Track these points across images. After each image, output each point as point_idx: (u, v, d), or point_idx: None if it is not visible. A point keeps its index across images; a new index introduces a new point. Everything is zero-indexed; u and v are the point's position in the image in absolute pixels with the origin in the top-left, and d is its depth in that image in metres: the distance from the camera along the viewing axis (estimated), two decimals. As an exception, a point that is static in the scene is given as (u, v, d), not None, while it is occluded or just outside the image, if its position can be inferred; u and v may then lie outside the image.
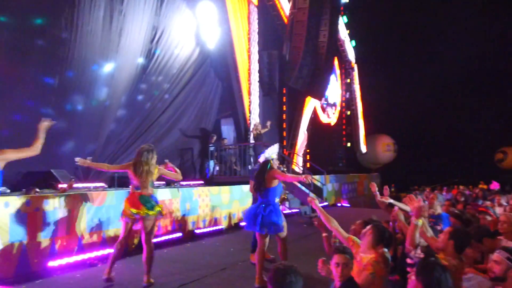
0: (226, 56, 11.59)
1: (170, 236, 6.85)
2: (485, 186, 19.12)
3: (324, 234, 3.87)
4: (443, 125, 31.60)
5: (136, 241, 6.15)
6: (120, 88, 8.31)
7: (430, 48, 32.10)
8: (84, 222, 5.51)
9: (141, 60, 8.81)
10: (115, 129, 8.45)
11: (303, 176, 4.30)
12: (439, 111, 31.64)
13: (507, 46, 29.85)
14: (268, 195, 4.53)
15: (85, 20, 7.24)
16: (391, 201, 4.33)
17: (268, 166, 4.60)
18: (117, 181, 7.55)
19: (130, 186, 4.77)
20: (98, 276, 4.67)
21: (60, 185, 6.02)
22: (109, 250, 5.21)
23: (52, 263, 4.94)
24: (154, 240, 6.47)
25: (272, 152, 4.76)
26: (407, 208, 3.82)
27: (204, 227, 7.87)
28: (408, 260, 2.76)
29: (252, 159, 10.76)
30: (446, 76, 30.95)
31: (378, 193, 4.46)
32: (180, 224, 7.30)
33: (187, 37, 10.15)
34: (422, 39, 31.79)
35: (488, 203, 7.85)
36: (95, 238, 5.66)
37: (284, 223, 4.62)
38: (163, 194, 6.95)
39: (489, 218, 5.02)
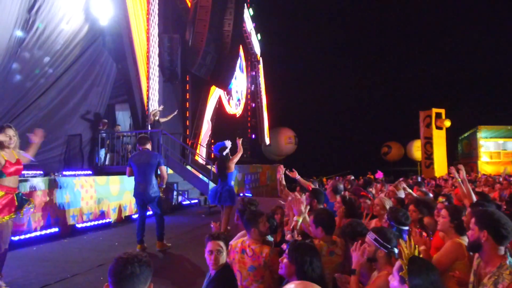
0: (122, 36, 10.67)
1: (43, 232, 6.01)
2: (372, 176, 21.16)
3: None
4: (339, 121, 34.40)
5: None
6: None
7: (330, 48, 34.32)
8: None
9: (17, 33, 7.59)
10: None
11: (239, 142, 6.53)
12: (335, 108, 34.25)
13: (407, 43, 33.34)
14: (227, 178, 6.27)
15: None
16: (298, 177, 5.52)
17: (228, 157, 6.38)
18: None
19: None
20: None
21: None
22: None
23: None
24: (22, 237, 5.67)
25: (228, 146, 6.44)
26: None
27: (88, 221, 7.12)
28: (283, 246, 2.67)
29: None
30: (342, 78, 33.51)
31: (287, 172, 5.30)
32: (57, 218, 6.46)
33: (74, 10, 9.01)
34: (324, 38, 33.80)
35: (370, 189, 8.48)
36: None
37: (235, 199, 6.24)
38: (36, 184, 6.10)
39: (368, 201, 5.36)
